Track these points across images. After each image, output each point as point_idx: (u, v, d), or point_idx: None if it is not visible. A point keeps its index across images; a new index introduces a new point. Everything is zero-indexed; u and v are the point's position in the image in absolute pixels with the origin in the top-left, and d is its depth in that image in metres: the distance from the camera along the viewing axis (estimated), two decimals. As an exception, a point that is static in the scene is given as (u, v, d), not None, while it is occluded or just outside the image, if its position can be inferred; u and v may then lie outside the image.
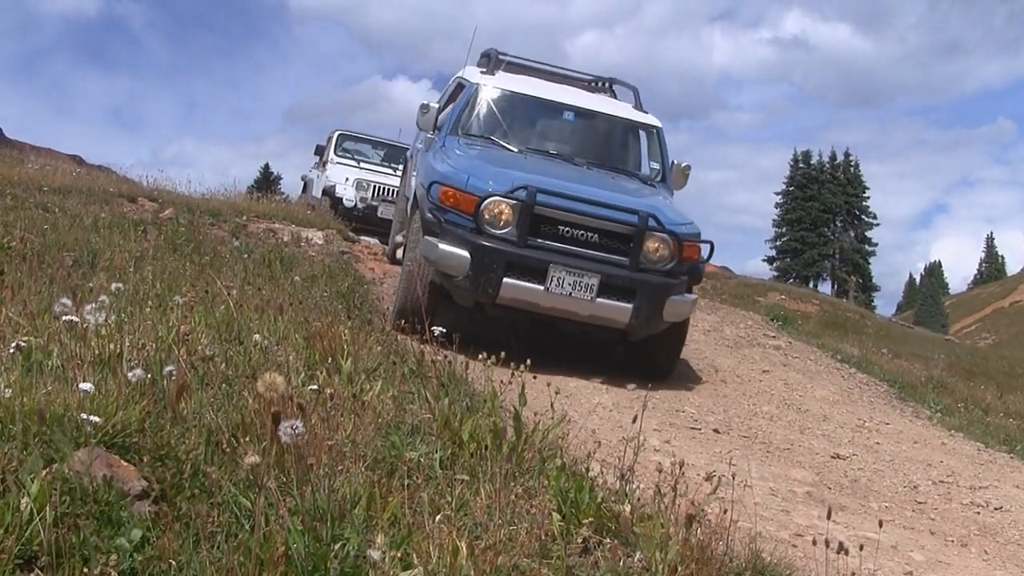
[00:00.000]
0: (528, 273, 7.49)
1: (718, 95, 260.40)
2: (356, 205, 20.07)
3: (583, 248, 7.62)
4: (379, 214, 19.80)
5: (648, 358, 8.44)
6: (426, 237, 7.70)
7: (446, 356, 4.91)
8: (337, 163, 21.17)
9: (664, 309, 7.74)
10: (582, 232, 7.63)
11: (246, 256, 9.08)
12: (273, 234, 12.48)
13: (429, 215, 7.81)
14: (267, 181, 63.08)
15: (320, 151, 22.52)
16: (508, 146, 9.09)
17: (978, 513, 5.79)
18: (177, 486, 2.54)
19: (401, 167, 21.05)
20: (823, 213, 79.21)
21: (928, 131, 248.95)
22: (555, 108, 9.87)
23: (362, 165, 21.29)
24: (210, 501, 2.52)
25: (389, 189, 20.09)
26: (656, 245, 7.72)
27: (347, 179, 20.42)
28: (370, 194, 20.27)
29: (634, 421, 3.47)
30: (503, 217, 7.51)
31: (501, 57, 10.32)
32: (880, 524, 3.35)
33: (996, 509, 5.90)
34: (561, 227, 7.62)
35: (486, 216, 7.51)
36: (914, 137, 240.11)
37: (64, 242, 7.60)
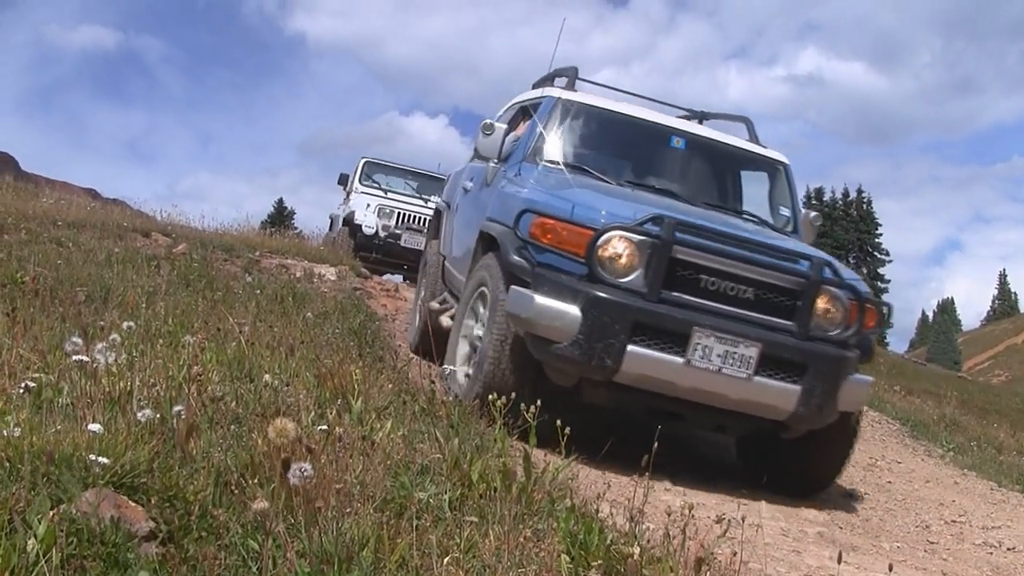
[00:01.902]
0: (663, 339, 5.45)
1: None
2: (377, 232, 18.50)
3: (734, 307, 5.64)
4: (403, 243, 18.43)
5: (800, 464, 6.27)
6: (514, 287, 5.70)
7: (456, 396, 4.91)
8: (362, 193, 19.50)
9: (840, 393, 5.72)
10: (732, 285, 5.65)
11: (258, 292, 9.09)
12: (286, 270, 12.51)
13: (515, 257, 5.77)
14: (281, 216, 63.44)
15: (344, 180, 20.69)
16: (603, 177, 6.99)
17: (991, 554, 5.74)
18: (185, 527, 2.53)
19: (426, 211, 20.04)
20: (836, 250, 79.11)
21: (942, 168, 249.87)
22: (660, 133, 7.64)
23: (390, 196, 19.54)
24: (218, 543, 2.52)
25: (416, 216, 18.66)
26: (829, 305, 5.77)
27: (368, 205, 18.84)
28: (393, 221, 18.65)
29: (644, 463, 3.46)
30: (626, 259, 5.53)
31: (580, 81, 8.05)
32: (891, 567, 3.32)
33: (1009, 550, 5.85)
34: (704, 277, 5.61)
35: (603, 257, 5.51)
36: (928, 174, 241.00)
37: (77, 277, 7.62)
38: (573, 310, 5.41)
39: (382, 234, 18.59)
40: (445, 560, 2.70)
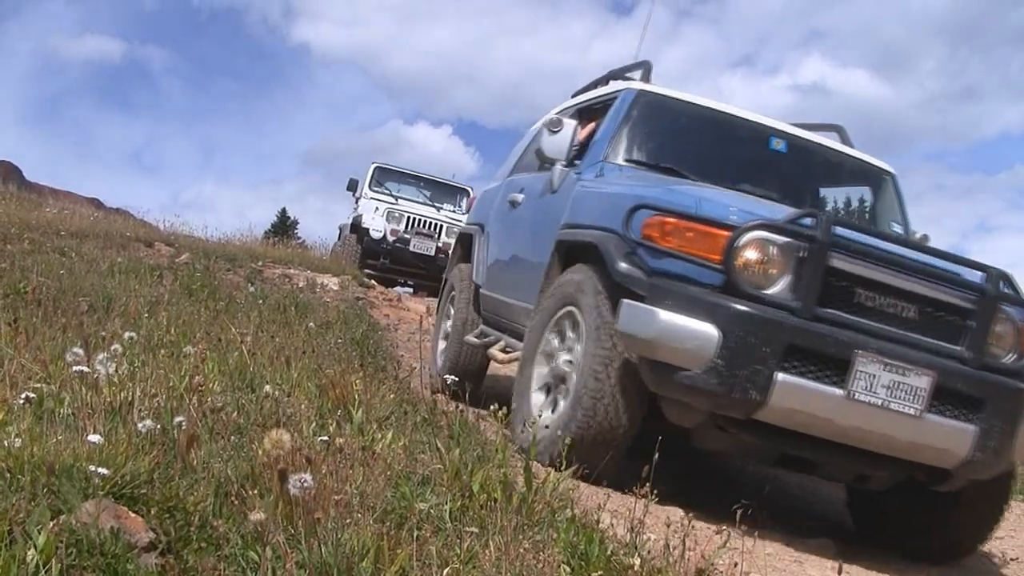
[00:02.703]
0: (819, 366, 4.44)
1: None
2: (385, 237, 18.10)
3: (897, 328, 4.65)
4: (412, 248, 18.15)
5: (949, 523, 5.21)
6: (626, 302, 4.66)
7: (458, 406, 4.88)
8: (371, 198, 19.05)
9: (1018, 434, 4.71)
10: (893, 301, 4.67)
11: (261, 302, 9.10)
12: (288, 280, 12.54)
13: (624, 264, 4.81)
14: (284, 226, 63.35)
15: (354, 186, 20.26)
16: (696, 180, 5.92)
17: (996, 563, 5.73)
18: (185, 538, 2.53)
19: (438, 217, 19.73)
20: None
21: (946, 176, 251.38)
22: (758, 134, 6.60)
23: (401, 203, 19.11)
24: (217, 554, 2.52)
25: (426, 221, 18.39)
26: (1002, 327, 4.81)
27: (376, 209, 18.47)
28: (403, 226, 18.27)
29: (644, 473, 3.46)
30: (771, 266, 4.56)
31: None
32: (893, 578, 3.32)
33: (1013, 560, 5.84)
34: (861, 290, 4.63)
35: (743, 263, 4.52)
36: (932, 182, 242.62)
37: (80, 287, 7.63)
38: (709, 329, 4.38)
39: (390, 238, 18.19)
40: (445, 571, 2.70)
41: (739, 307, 4.41)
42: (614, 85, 7.08)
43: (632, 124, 6.34)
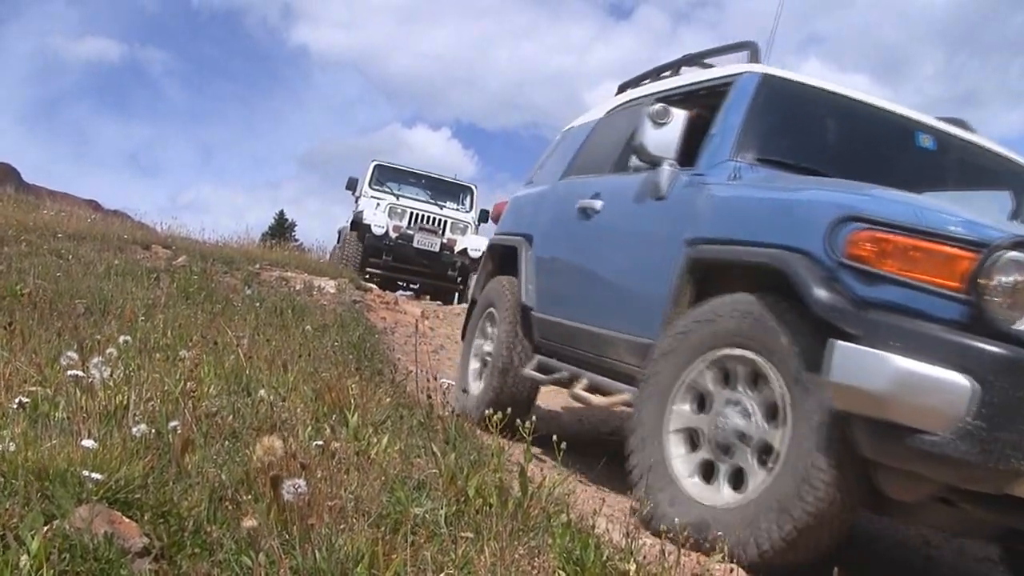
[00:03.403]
0: None
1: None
2: (388, 233, 17.76)
3: None
4: (416, 243, 17.86)
5: None
6: (842, 344, 3.52)
7: (455, 412, 4.87)
8: (372, 197, 18.72)
9: None
10: None
11: (258, 305, 9.08)
12: (285, 282, 12.52)
13: (825, 293, 3.70)
14: (281, 228, 63.26)
15: (353, 185, 19.72)
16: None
17: (992, 569, 5.73)
18: (179, 544, 2.52)
19: (441, 214, 19.42)
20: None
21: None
22: (903, 128, 5.53)
23: (401, 201, 18.80)
24: (211, 559, 2.51)
25: (429, 217, 18.19)
26: None
27: (378, 205, 18.16)
28: (405, 222, 18.01)
29: (639, 478, 3.45)
30: (1020, 297, 3.41)
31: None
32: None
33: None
34: None
35: (996, 292, 3.41)
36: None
37: (76, 290, 7.62)
38: (959, 379, 3.28)
39: (393, 235, 17.90)
40: (440, 576, 2.69)
41: (999, 351, 3.32)
42: (688, 73, 6.25)
43: (760, 115, 5.26)
